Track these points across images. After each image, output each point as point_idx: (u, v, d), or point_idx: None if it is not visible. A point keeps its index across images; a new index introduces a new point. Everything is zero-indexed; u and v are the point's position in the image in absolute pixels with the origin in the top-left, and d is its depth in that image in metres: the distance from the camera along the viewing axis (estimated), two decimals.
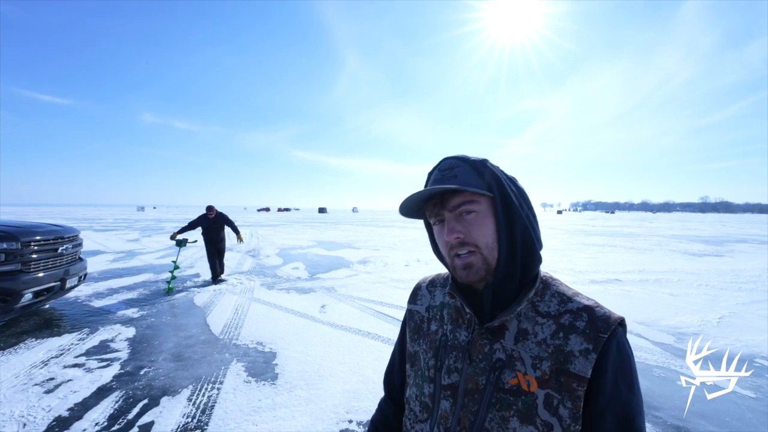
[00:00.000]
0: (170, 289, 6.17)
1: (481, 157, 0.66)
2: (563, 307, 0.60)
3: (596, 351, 0.54)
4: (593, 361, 0.54)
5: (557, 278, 0.66)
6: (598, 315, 0.57)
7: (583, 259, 10.81)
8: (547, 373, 0.56)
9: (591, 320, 0.57)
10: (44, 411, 2.60)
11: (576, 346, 0.56)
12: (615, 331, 0.56)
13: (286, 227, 24.90)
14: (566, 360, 0.55)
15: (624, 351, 0.56)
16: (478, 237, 0.61)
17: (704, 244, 15.79)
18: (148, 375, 3.16)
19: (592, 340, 0.55)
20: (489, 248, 0.61)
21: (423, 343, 0.72)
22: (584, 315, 0.58)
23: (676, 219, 64.17)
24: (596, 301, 0.61)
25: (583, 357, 0.54)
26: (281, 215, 55.89)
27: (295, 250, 12.37)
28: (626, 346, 0.57)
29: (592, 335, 0.55)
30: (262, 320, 4.68)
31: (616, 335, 0.56)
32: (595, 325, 0.56)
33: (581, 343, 0.55)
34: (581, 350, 0.55)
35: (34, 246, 4.20)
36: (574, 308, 0.59)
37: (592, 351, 0.54)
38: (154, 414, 2.58)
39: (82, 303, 5.40)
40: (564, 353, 0.56)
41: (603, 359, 0.54)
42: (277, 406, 2.70)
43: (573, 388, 0.54)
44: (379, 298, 5.85)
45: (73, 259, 4.95)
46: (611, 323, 0.56)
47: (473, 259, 0.61)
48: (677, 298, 6.09)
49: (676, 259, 10.85)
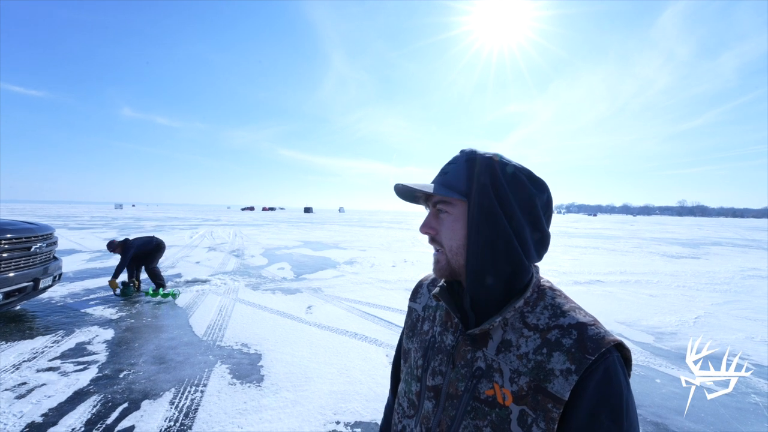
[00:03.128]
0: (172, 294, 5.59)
1: (487, 155, 0.61)
2: (554, 322, 0.56)
3: (578, 373, 0.49)
4: (573, 383, 0.49)
5: (558, 289, 0.62)
6: (589, 334, 0.52)
7: (567, 260, 11.05)
8: (524, 389, 0.53)
9: (580, 339, 0.52)
10: (15, 417, 2.48)
11: (558, 364, 0.51)
12: (605, 355, 0.50)
13: (271, 227, 24.56)
14: (546, 378, 0.51)
15: (614, 379, 0.50)
16: (444, 238, 0.62)
17: (682, 247, 16.39)
18: (128, 378, 3.05)
19: (575, 360, 0.50)
20: (453, 252, 0.62)
21: (415, 342, 0.73)
22: (574, 332, 0.53)
23: (655, 222, 66.41)
24: (595, 319, 0.56)
25: (563, 377, 0.50)
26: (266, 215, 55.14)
27: (280, 250, 12.21)
28: (618, 374, 0.51)
29: (577, 355, 0.51)
30: (246, 321, 4.60)
31: (606, 359, 0.50)
32: (582, 345, 0.51)
33: (563, 362, 0.51)
34: (562, 370, 0.51)
35: (4, 244, 4.00)
36: (565, 324, 0.55)
37: (574, 372, 0.50)
38: (134, 418, 2.49)
39: (56, 304, 5.18)
40: (545, 370, 0.52)
41: (584, 383, 0.49)
42: (263, 409, 2.65)
43: (548, 408, 0.50)
44: (366, 299, 5.82)
45: (47, 259, 4.75)
46: (602, 345, 0.51)
47: (439, 257, 0.64)
48: (657, 299, 6.29)
49: (656, 261, 11.22)
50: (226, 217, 41.48)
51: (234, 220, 34.36)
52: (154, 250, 6.12)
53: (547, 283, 0.63)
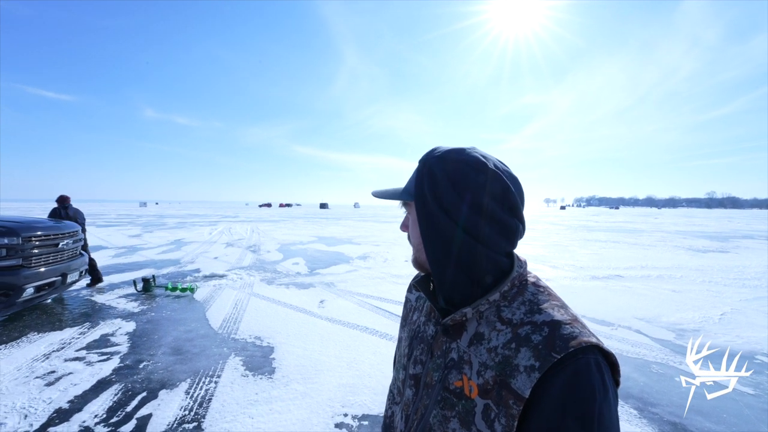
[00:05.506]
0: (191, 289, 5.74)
1: (440, 152, 0.61)
2: (528, 317, 0.54)
3: (541, 370, 0.47)
4: (534, 381, 0.48)
5: (544, 285, 0.60)
6: (561, 332, 0.50)
7: (585, 255, 10.77)
8: (490, 383, 0.52)
9: (550, 336, 0.50)
10: (45, 403, 2.63)
11: (523, 360, 0.50)
12: (575, 354, 0.48)
13: (287, 223, 24.95)
14: (510, 374, 0.50)
15: (584, 381, 0.47)
16: (411, 237, 0.67)
17: (709, 240, 15.68)
18: (147, 368, 3.19)
19: (540, 357, 0.48)
20: (417, 249, 0.66)
21: (406, 331, 0.76)
22: (545, 329, 0.51)
23: (681, 214, 63.72)
24: (574, 318, 0.53)
25: (526, 374, 0.49)
26: (283, 211, 56.04)
27: (295, 245, 12.40)
28: (591, 377, 0.47)
29: (543, 352, 0.49)
30: (260, 315, 4.71)
31: (577, 360, 0.47)
32: (551, 342, 0.49)
33: (528, 359, 0.49)
34: (526, 366, 0.49)
35: (35, 241, 4.23)
36: (539, 320, 0.53)
37: (537, 369, 0.48)
38: (152, 407, 2.61)
39: (83, 297, 5.45)
40: (510, 365, 0.51)
41: (548, 382, 0.47)
42: (274, 400, 2.72)
43: (509, 404, 0.49)
44: (378, 294, 5.86)
45: (74, 255, 4.99)
46: (572, 345, 0.48)
47: (412, 253, 0.69)
48: (679, 295, 6.05)
49: (680, 255, 10.78)
50: (244, 213, 42.40)
51: (251, 216, 35.09)
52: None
53: (533, 278, 0.61)
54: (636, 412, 2.66)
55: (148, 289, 5.82)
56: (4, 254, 3.91)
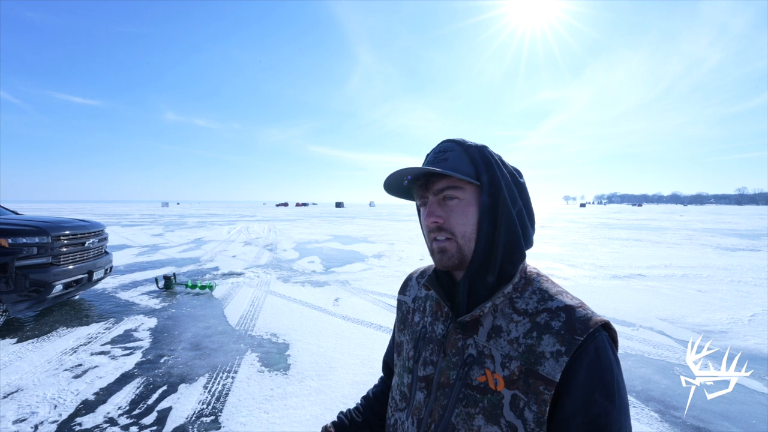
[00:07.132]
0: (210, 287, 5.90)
1: (480, 144, 0.63)
2: (542, 306, 0.57)
3: (568, 354, 0.51)
4: (564, 365, 0.51)
5: (545, 275, 0.64)
6: (577, 316, 0.54)
7: (606, 253, 10.46)
8: (516, 373, 0.54)
9: (568, 321, 0.53)
10: (73, 394, 2.76)
11: (548, 347, 0.52)
12: (594, 334, 0.52)
13: (303, 222, 25.28)
14: (536, 361, 0.52)
15: (604, 357, 0.52)
16: (456, 225, 0.60)
17: (739, 238, 14.96)
18: (168, 363, 3.30)
19: (565, 341, 0.52)
20: (466, 238, 0.60)
21: (407, 334, 0.74)
22: (562, 315, 0.54)
23: (709, 212, 61.00)
24: (581, 302, 0.57)
25: (554, 359, 0.51)
26: (299, 210, 56.77)
27: (311, 244, 12.55)
28: (608, 351, 0.52)
29: (567, 337, 0.52)
30: (276, 312, 4.79)
31: (595, 339, 0.52)
32: (571, 326, 0.53)
33: (554, 345, 0.52)
34: (552, 352, 0.52)
35: (63, 240, 4.43)
36: (553, 307, 0.56)
37: (564, 354, 0.51)
38: (172, 400, 2.70)
39: (108, 294, 5.68)
40: (535, 354, 0.53)
41: (575, 363, 0.51)
42: (288, 396, 2.77)
43: (540, 391, 0.51)
44: (392, 292, 5.86)
45: (99, 253, 5.20)
46: (590, 325, 0.52)
47: (448, 245, 0.61)
48: (706, 295, 5.80)
49: (707, 254, 10.33)
50: (262, 213, 43.20)
51: (269, 215, 35.71)
52: None
53: (534, 269, 0.64)
54: (657, 416, 2.57)
55: (169, 287, 6.02)
56: (35, 252, 4.11)
